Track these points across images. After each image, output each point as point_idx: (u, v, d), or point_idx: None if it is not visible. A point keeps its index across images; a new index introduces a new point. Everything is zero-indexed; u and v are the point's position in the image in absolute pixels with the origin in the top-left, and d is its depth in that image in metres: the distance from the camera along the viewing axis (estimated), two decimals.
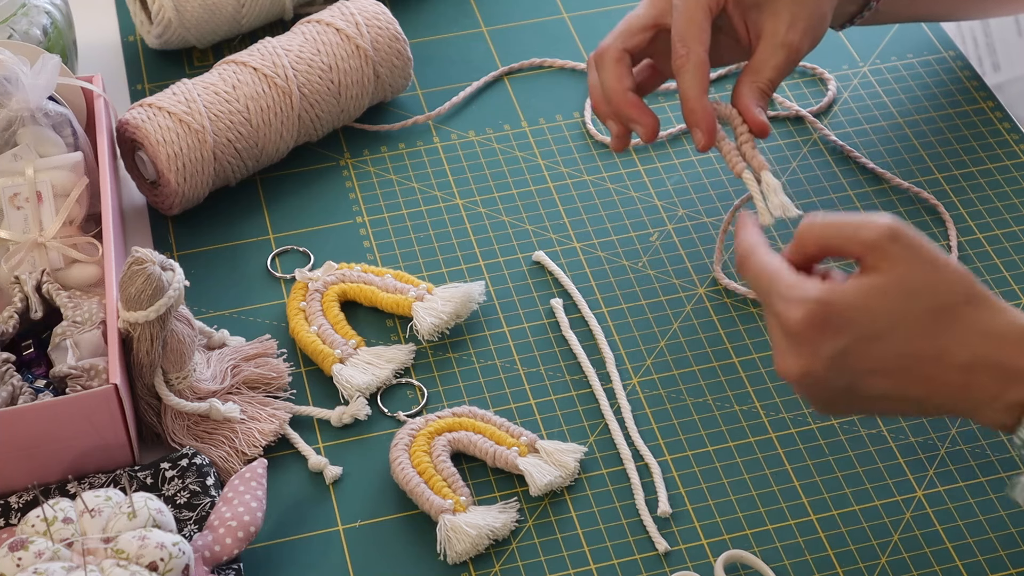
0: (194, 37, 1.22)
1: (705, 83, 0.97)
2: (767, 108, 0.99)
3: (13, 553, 0.82)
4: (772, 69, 0.99)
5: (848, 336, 0.82)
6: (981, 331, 0.82)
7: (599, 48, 1.01)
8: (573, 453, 0.96)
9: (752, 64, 0.99)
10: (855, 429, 0.98)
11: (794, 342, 0.83)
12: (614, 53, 1.00)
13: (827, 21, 1.01)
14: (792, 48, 0.99)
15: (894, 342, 0.82)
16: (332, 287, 1.05)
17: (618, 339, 1.04)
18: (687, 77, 0.97)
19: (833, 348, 0.82)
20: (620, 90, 1.00)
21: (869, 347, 0.82)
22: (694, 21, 0.97)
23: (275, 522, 0.94)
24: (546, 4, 1.31)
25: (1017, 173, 1.15)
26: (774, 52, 0.99)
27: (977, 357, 0.82)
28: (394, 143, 1.18)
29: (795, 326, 0.83)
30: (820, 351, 0.83)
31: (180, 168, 1.08)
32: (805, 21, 0.98)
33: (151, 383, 0.95)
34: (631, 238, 1.11)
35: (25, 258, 1.01)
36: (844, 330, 0.82)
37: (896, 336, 0.82)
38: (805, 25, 0.98)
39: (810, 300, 0.82)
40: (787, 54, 0.99)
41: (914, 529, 0.93)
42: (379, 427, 0.99)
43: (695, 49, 0.97)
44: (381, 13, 1.17)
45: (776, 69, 0.99)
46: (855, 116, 1.19)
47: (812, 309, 0.82)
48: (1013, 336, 0.82)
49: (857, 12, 1.07)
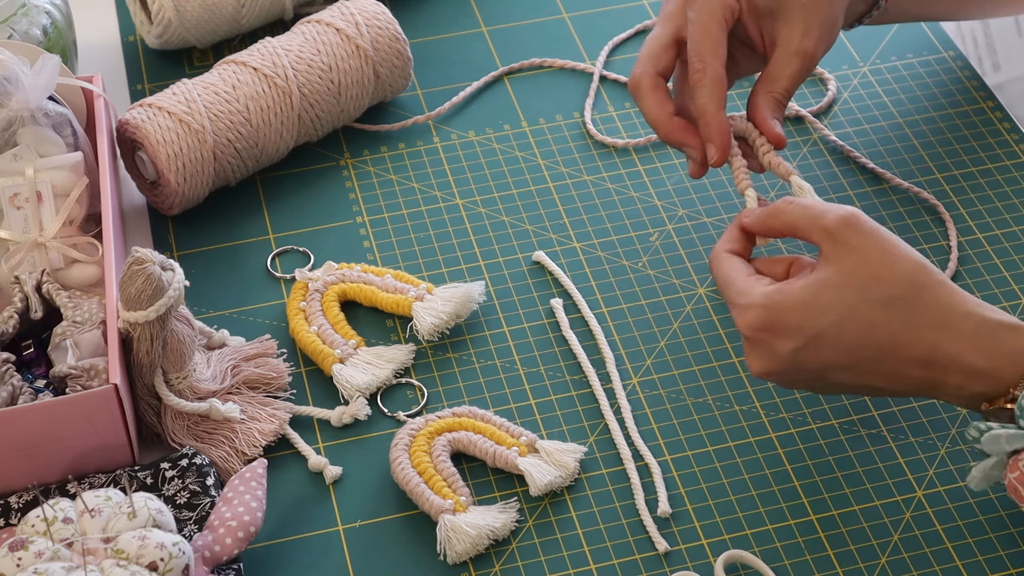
0: (194, 37, 1.22)
1: (722, 98, 0.96)
2: (783, 118, 0.99)
3: (13, 553, 0.82)
4: (788, 78, 0.98)
5: (798, 337, 0.85)
6: (936, 324, 0.84)
7: (632, 79, 0.99)
8: (573, 453, 0.96)
9: (767, 73, 0.98)
10: (855, 429, 0.98)
11: (751, 345, 0.88)
12: (648, 80, 0.98)
13: (839, 25, 1.00)
14: (807, 55, 0.98)
15: (846, 337, 0.85)
16: (332, 287, 1.05)
17: (618, 339, 1.04)
18: (704, 92, 0.96)
19: (786, 348, 0.86)
20: (664, 117, 0.98)
21: (821, 344, 0.85)
22: (709, 35, 0.96)
23: (275, 522, 0.94)
24: (546, 4, 1.31)
25: (1017, 173, 1.15)
26: (789, 60, 0.98)
27: (935, 352, 0.84)
28: (394, 143, 1.18)
29: (746, 331, 0.87)
30: (775, 351, 0.87)
31: (180, 168, 1.08)
32: (819, 27, 0.98)
33: (151, 383, 0.95)
34: (631, 238, 1.11)
35: (25, 258, 1.01)
36: (793, 331, 0.85)
37: (847, 331, 0.84)
38: (819, 31, 0.98)
39: (756, 306, 0.86)
40: (802, 62, 0.98)
41: (914, 529, 0.93)
42: (379, 427, 0.99)
43: (711, 64, 0.96)
44: (381, 13, 1.17)
45: (791, 78, 0.98)
46: (855, 116, 1.19)
47: (759, 314, 0.86)
48: (968, 330, 0.84)
49: (866, 11, 1.07)
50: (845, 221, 0.86)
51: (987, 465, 0.85)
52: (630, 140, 1.17)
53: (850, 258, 0.85)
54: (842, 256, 0.85)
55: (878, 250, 0.85)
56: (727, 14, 0.97)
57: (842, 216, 0.86)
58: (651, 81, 0.98)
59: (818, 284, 0.85)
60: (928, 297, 0.85)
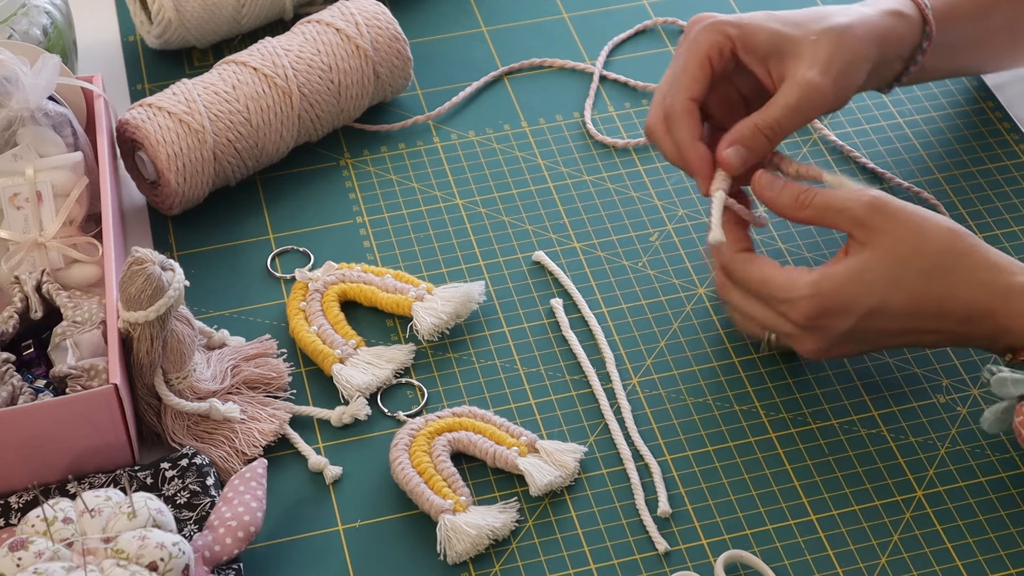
0: (194, 37, 1.22)
1: (694, 129, 0.97)
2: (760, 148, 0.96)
3: (13, 553, 0.82)
4: (780, 108, 0.96)
5: (851, 316, 0.91)
6: (972, 283, 0.91)
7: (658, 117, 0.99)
8: (573, 453, 0.96)
9: (766, 103, 0.97)
10: (855, 429, 0.98)
11: (807, 331, 0.93)
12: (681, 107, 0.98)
13: (859, 66, 0.98)
14: (809, 86, 0.96)
15: (896, 307, 0.91)
16: (332, 287, 1.05)
17: (618, 339, 1.04)
18: (678, 125, 0.97)
19: (841, 328, 0.92)
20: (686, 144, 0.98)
21: (872, 318, 0.91)
22: (687, 70, 0.97)
23: (275, 522, 0.94)
24: (546, 4, 1.31)
25: (1017, 173, 1.15)
26: (787, 91, 0.96)
27: (973, 309, 0.91)
28: (394, 143, 1.18)
29: (803, 321, 0.93)
30: (831, 333, 0.93)
31: (180, 168, 1.08)
32: (825, 62, 0.96)
33: (151, 383, 0.95)
34: (631, 238, 1.11)
35: (25, 258, 1.01)
36: (846, 311, 0.91)
37: (895, 302, 0.91)
38: (825, 65, 0.96)
39: (807, 296, 0.92)
40: (801, 92, 0.96)
41: (914, 529, 0.93)
42: (379, 427, 0.99)
43: (679, 96, 0.97)
44: (381, 13, 1.17)
45: (785, 108, 0.96)
46: (855, 116, 1.19)
47: (812, 303, 0.91)
48: (1001, 288, 0.90)
49: (903, 70, 1.05)
50: (871, 207, 0.91)
51: (999, 408, 0.92)
52: (630, 140, 1.17)
53: (884, 240, 0.91)
54: (875, 240, 0.91)
55: (908, 228, 0.91)
56: (712, 52, 0.97)
57: (866, 203, 0.91)
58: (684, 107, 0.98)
59: (860, 264, 0.91)
60: (967, 262, 0.91)
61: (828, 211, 0.93)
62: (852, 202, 0.92)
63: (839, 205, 0.92)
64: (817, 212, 0.94)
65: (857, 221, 0.92)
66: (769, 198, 0.96)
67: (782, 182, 0.96)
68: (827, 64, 0.96)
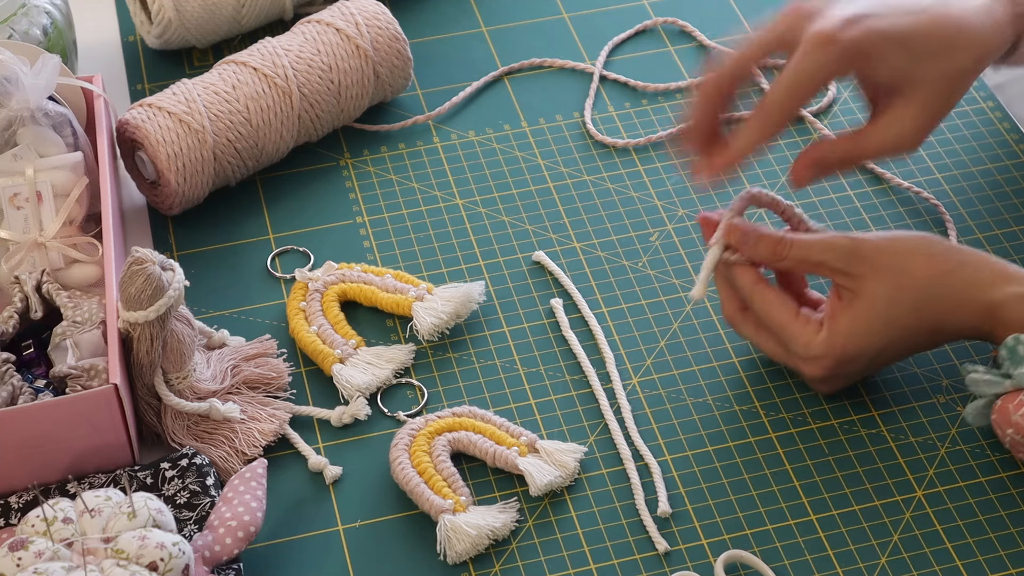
0: (194, 37, 1.22)
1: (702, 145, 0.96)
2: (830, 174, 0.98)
3: (13, 553, 0.82)
4: (875, 148, 0.96)
5: (863, 359, 0.96)
6: (960, 307, 0.94)
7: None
8: (573, 453, 0.96)
9: (864, 132, 0.96)
10: (855, 429, 0.98)
11: (823, 381, 0.98)
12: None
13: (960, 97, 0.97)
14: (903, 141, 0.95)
15: (899, 342, 0.96)
16: (332, 287, 1.05)
17: (618, 339, 1.04)
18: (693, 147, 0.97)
19: (855, 370, 0.97)
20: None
21: (881, 356, 0.96)
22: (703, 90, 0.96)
23: (275, 522, 0.94)
24: (546, 4, 1.31)
25: (1017, 173, 1.15)
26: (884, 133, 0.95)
27: (965, 327, 0.95)
28: (394, 143, 1.18)
29: (820, 375, 0.96)
30: (846, 376, 0.97)
31: (180, 168, 1.08)
32: (934, 113, 0.95)
33: (151, 383, 0.95)
34: (631, 238, 1.11)
35: (25, 258, 1.01)
36: (857, 358, 0.95)
37: (896, 338, 0.95)
38: (933, 116, 0.95)
39: (821, 356, 0.95)
40: (897, 143, 0.95)
41: (914, 529, 0.93)
42: (379, 427, 0.99)
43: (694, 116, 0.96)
44: (381, 13, 1.17)
45: (879, 151, 0.96)
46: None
47: (827, 363, 0.95)
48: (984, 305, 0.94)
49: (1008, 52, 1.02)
50: (849, 257, 0.94)
51: (979, 404, 0.94)
52: (630, 140, 1.18)
53: (870, 286, 0.94)
54: (863, 288, 0.94)
55: (888, 269, 0.94)
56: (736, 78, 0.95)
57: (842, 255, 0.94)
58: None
59: (858, 314, 0.94)
60: (951, 286, 0.94)
61: (805, 264, 0.96)
62: (828, 254, 0.94)
63: (816, 258, 0.95)
64: (795, 263, 0.96)
65: (839, 272, 0.94)
66: (745, 252, 0.96)
67: (757, 235, 0.96)
68: (935, 115, 0.95)
